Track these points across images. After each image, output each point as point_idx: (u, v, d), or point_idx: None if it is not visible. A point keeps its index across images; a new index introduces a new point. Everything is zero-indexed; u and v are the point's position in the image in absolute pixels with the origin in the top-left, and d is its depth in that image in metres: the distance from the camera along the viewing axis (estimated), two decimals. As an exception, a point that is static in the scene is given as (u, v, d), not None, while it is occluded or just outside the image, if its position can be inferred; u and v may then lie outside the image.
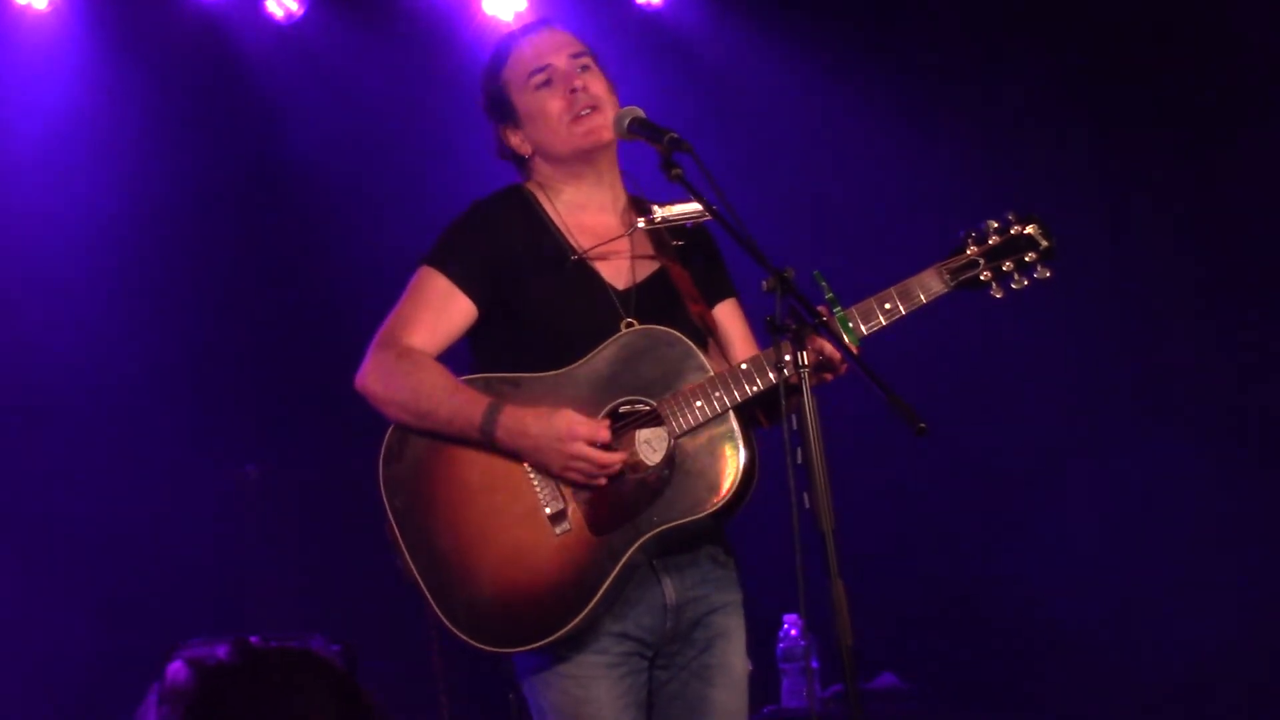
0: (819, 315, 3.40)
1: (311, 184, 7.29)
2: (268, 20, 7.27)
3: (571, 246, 3.77)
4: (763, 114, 7.62)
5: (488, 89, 3.90)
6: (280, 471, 6.58)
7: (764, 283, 3.37)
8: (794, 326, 3.34)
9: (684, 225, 3.83)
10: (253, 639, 5.80)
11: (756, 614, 6.49)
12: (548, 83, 3.81)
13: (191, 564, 6.83)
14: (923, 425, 3.25)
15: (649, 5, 7.71)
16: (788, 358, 3.37)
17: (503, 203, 3.85)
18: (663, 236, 3.83)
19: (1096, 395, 7.37)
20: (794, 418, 3.30)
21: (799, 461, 3.26)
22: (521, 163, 3.90)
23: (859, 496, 6.22)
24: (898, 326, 3.70)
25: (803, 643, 6.46)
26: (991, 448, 7.29)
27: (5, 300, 6.87)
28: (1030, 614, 7.21)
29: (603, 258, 3.78)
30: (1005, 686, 7.14)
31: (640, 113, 3.69)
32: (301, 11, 7.28)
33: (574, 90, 3.79)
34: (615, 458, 3.57)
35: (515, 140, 3.86)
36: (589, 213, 3.84)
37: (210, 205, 7.20)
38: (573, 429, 3.55)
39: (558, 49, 3.85)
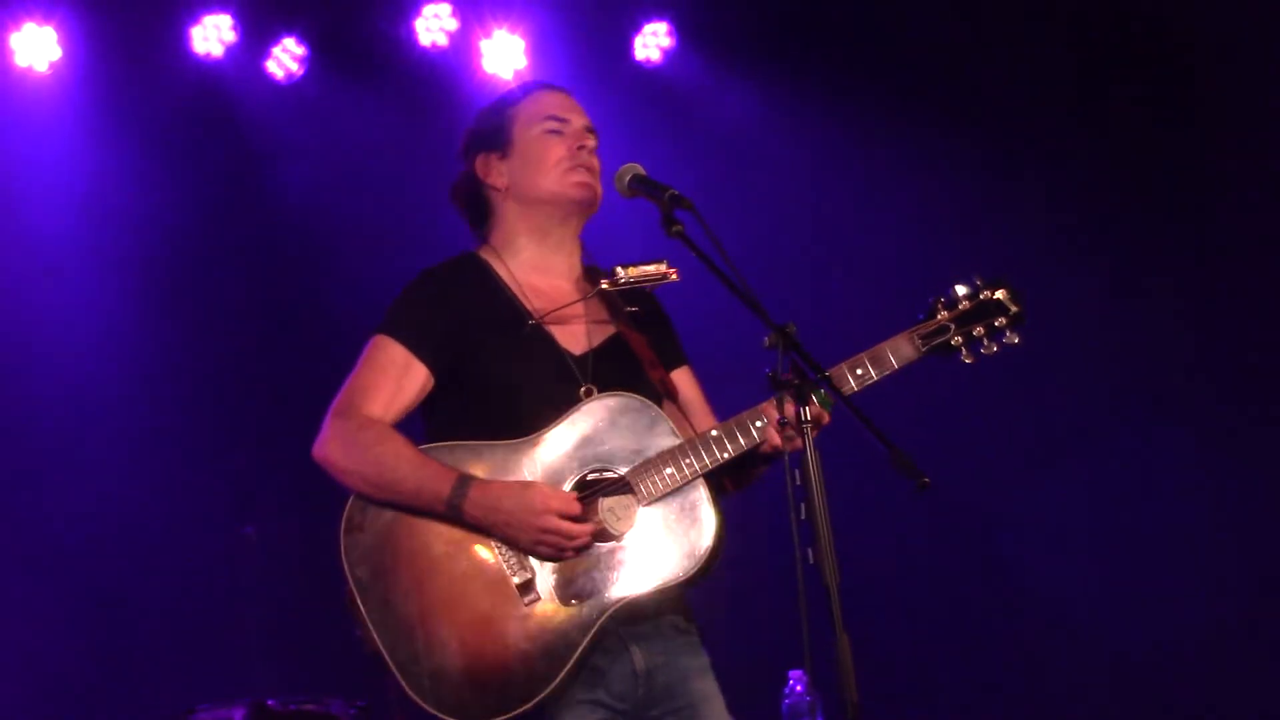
0: (820, 370, 3.39)
1: (312, 246, 7.29)
2: (268, 80, 7.31)
3: (527, 310, 3.76)
4: (762, 170, 7.64)
5: (488, 117, 3.92)
6: (282, 531, 6.55)
7: (766, 339, 3.35)
8: (796, 382, 3.33)
9: (641, 289, 3.82)
10: (270, 702, 5.73)
11: (762, 669, 6.49)
12: (558, 132, 3.85)
13: (204, 628, 6.79)
14: (925, 480, 3.24)
15: (648, 62, 7.74)
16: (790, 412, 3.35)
17: (455, 268, 3.84)
18: (617, 302, 3.82)
19: (1100, 423, 7.38)
20: (796, 472, 3.29)
21: (802, 516, 3.23)
22: (484, 206, 3.88)
23: (864, 551, 6.21)
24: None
25: (808, 698, 6.44)
26: (1002, 510, 7.30)
27: (6, 364, 6.87)
28: (1036, 673, 7.20)
29: (559, 322, 3.76)
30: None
31: (640, 169, 3.68)
32: (302, 72, 7.31)
33: (581, 147, 3.83)
34: (585, 529, 3.54)
35: (495, 170, 3.86)
36: (545, 276, 3.84)
37: (211, 265, 7.21)
38: (547, 502, 3.51)
39: (579, 113, 3.92)
